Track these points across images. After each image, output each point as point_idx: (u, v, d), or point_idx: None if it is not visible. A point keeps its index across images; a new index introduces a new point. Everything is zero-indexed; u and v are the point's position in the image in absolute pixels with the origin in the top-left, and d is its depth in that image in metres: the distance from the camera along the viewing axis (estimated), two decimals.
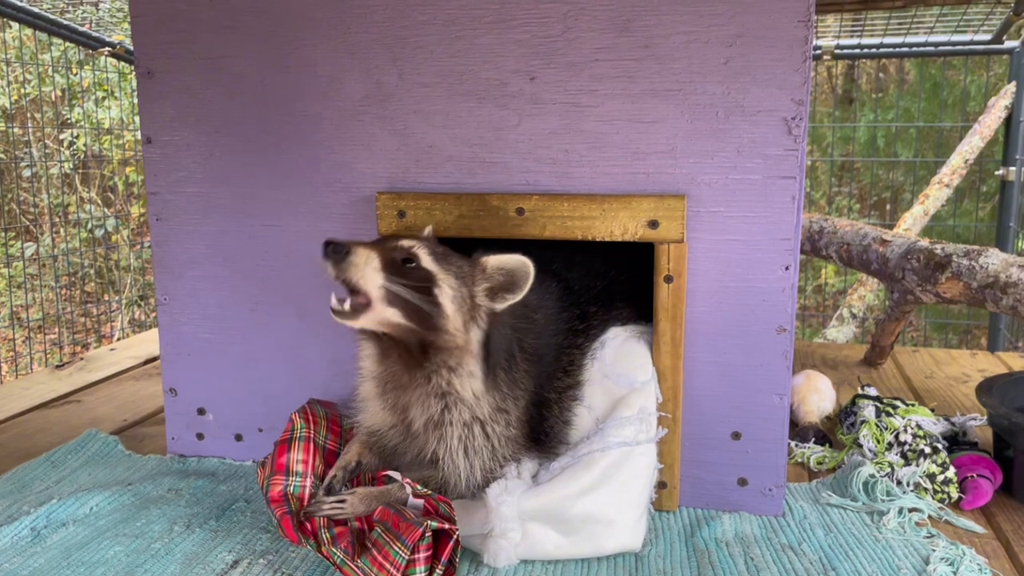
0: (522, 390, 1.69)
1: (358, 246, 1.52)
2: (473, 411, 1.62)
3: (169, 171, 2.01)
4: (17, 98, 4.94)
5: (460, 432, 1.62)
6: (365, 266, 1.50)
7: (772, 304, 1.72)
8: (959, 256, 2.29)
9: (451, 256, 1.63)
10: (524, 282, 1.57)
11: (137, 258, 5.45)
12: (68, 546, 1.65)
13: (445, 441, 1.63)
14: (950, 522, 1.74)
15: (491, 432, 1.64)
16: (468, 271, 1.61)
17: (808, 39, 1.63)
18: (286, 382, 2.02)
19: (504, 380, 1.65)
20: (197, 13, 1.93)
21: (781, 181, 1.68)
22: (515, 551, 1.57)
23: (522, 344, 1.71)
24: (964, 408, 2.43)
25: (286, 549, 1.64)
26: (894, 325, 2.79)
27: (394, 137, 1.86)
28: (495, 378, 1.63)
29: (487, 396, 1.62)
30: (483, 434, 1.64)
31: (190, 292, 2.05)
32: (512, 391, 1.67)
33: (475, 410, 1.62)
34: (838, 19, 3.92)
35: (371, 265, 1.51)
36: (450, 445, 1.63)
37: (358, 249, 1.51)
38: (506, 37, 1.77)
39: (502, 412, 1.65)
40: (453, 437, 1.62)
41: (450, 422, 1.62)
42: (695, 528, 1.72)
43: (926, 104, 5.38)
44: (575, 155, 1.77)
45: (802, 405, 2.29)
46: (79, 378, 2.89)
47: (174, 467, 2.06)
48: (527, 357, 1.71)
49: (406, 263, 1.55)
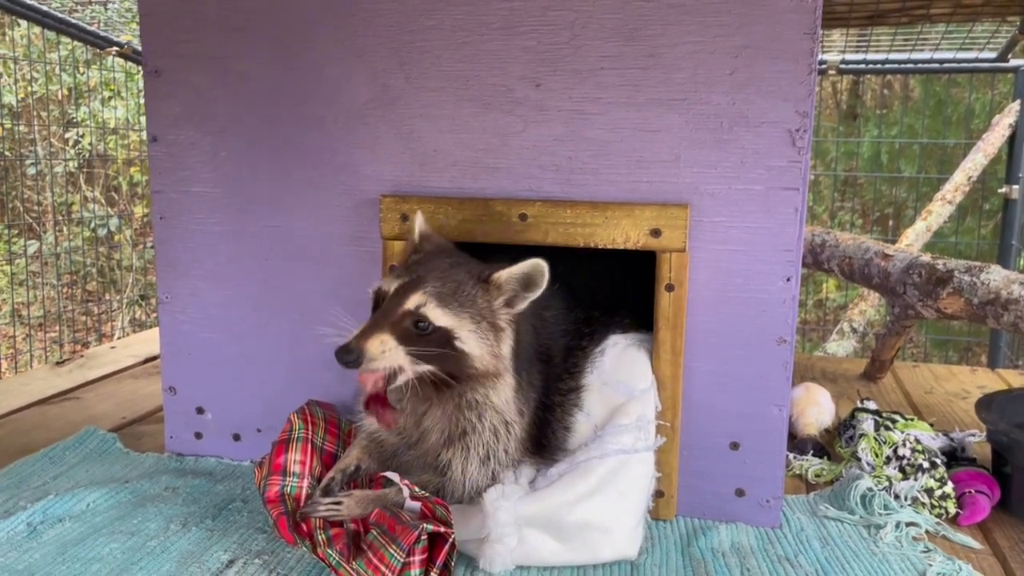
0: (534, 391, 1.69)
1: (366, 338, 1.44)
2: (503, 415, 1.62)
3: (174, 170, 2.02)
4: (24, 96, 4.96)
5: (487, 439, 1.62)
6: (383, 354, 1.45)
7: (773, 315, 1.72)
8: (960, 272, 2.29)
9: (460, 282, 1.54)
10: (541, 279, 1.54)
11: (139, 258, 5.46)
12: (64, 542, 1.65)
13: (468, 449, 1.62)
14: (947, 537, 1.74)
15: (512, 433, 1.64)
16: (483, 295, 1.55)
17: (814, 52, 1.63)
18: (286, 383, 2.02)
19: (524, 381, 1.65)
20: (205, 13, 1.94)
21: (784, 192, 1.68)
22: (511, 556, 1.56)
23: (539, 339, 1.71)
24: (963, 424, 2.43)
25: (282, 549, 1.63)
26: (895, 340, 2.78)
27: (399, 140, 1.87)
28: (520, 378, 1.63)
29: (515, 397, 1.62)
30: (506, 436, 1.63)
31: (192, 291, 2.05)
32: (528, 394, 1.67)
33: (504, 414, 1.62)
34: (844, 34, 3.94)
35: (388, 348, 1.45)
36: (471, 453, 1.62)
37: (368, 342, 1.44)
38: (513, 44, 1.77)
39: (521, 415, 1.66)
40: (479, 445, 1.62)
41: (478, 431, 1.61)
42: (692, 538, 1.72)
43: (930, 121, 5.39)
44: (579, 162, 1.78)
45: (801, 417, 2.28)
46: (79, 375, 2.89)
47: (171, 466, 2.05)
48: (539, 356, 1.71)
49: (419, 326, 1.49)
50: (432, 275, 1.54)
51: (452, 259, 1.62)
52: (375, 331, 1.46)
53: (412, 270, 1.57)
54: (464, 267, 1.59)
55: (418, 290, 1.50)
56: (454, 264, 1.60)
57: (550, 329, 1.77)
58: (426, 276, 1.54)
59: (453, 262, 1.61)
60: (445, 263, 1.59)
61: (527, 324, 1.66)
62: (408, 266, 1.61)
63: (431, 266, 1.57)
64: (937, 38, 3.83)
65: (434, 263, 1.59)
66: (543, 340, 1.73)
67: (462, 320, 1.52)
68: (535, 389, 1.69)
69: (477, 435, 1.61)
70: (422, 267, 1.58)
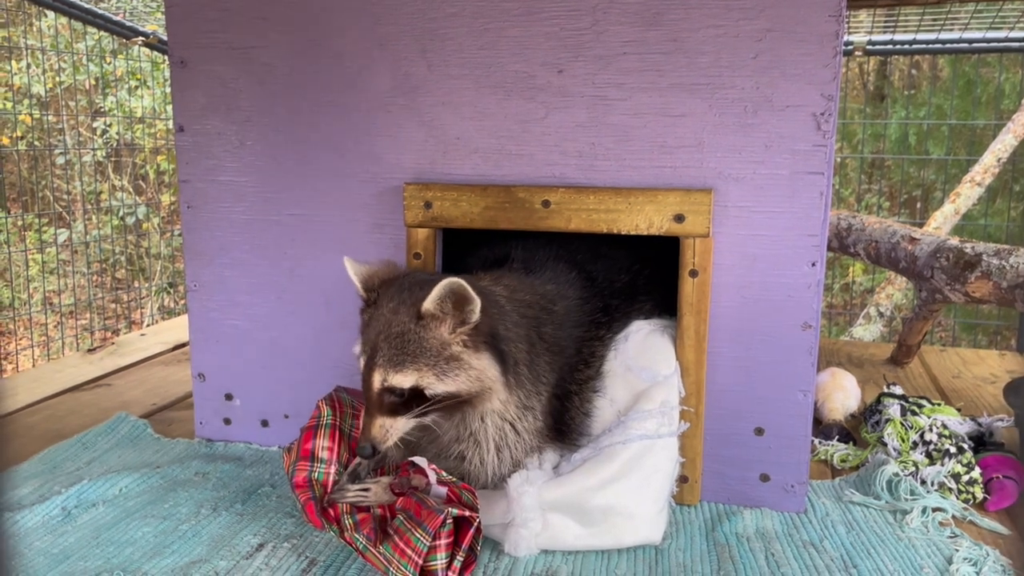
0: (544, 383, 1.70)
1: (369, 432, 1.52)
2: (503, 415, 1.63)
3: (200, 159, 2.04)
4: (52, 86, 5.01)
5: (494, 434, 1.64)
6: (388, 433, 1.52)
7: (798, 300, 1.71)
8: (989, 255, 2.26)
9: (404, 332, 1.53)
10: (465, 292, 1.50)
11: (167, 246, 5.52)
12: (97, 526, 1.69)
13: (479, 443, 1.65)
14: (974, 523, 1.73)
15: (520, 428, 1.66)
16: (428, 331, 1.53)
17: (839, 34, 1.61)
18: (313, 369, 2.04)
19: (527, 376, 1.65)
20: (230, 4, 1.96)
21: (809, 177, 1.67)
22: (535, 541, 1.58)
23: (542, 335, 1.71)
24: (991, 409, 2.40)
25: (310, 534, 1.66)
26: (922, 324, 2.76)
27: (422, 128, 1.87)
28: (517, 376, 1.63)
29: (512, 397, 1.63)
30: (514, 431, 1.65)
31: (219, 279, 2.08)
32: (535, 386, 1.67)
33: (504, 414, 1.64)
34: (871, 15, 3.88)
35: (387, 426, 1.52)
36: (482, 447, 1.65)
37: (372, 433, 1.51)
38: (534, 30, 1.77)
39: (529, 409, 1.66)
40: (488, 440, 1.65)
41: (485, 429, 1.64)
42: (716, 523, 1.72)
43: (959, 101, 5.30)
44: (602, 148, 1.77)
45: (827, 402, 2.27)
46: (110, 362, 2.94)
47: (202, 451, 2.09)
48: (548, 348, 1.71)
49: (396, 394, 1.52)
50: (380, 340, 1.54)
51: (394, 300, 1.56)
52: (370, 420, 1.53)
53: (367, 339, 1.57)
54: (406, 304, 1.55)
55: (375, 368, 1.52)
56: (396, 309, 1.55)
57: (559, 321, 1.77)
58: (377, 344, 1.54)
59: (394, 306, 1.55)
60: (388, 315, 1.55)
61: (511, 322, 1.64)
62: (365, 331, 1.59)
63: (378, 327, 1.55)
64: (966, 17, 3.76)
65: (379, 320, 1.56)
66: (552, 332, 1.73)
67: (421, 372, 1.52)
68: (544, 381, 1.69)
69: (484, 432, 1.64)
70: (372, 330, 1.56)
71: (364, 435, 1.53)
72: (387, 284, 1.62)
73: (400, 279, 1.62)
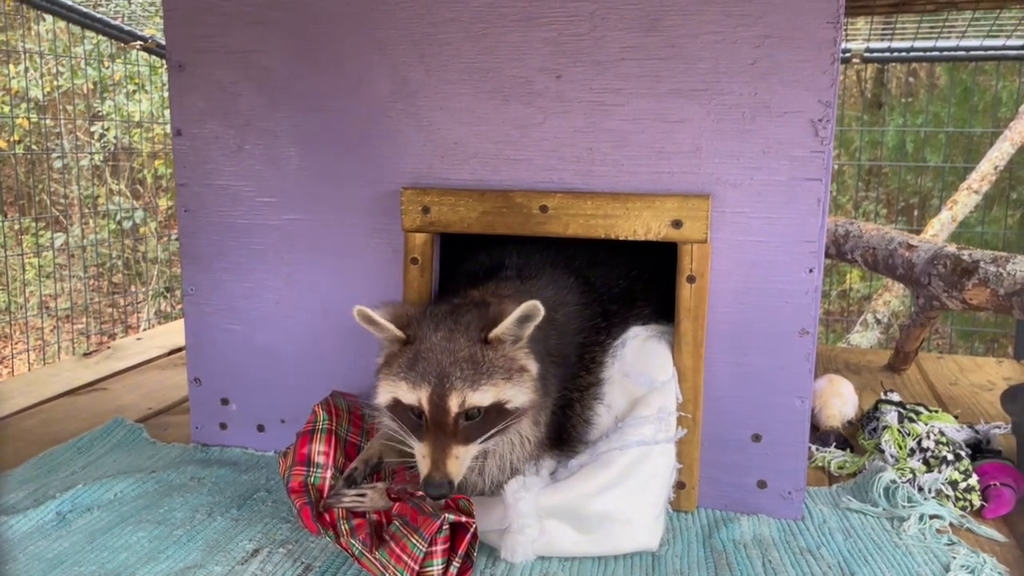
0: (550, 394, 1.69)
1: (442, 466, 1.45)
2: (518, 427, 1.61)
3: (198, 163, 2.04)
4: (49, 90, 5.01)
5: (503, 450, 1.62)
6: (462, 463, 1.48)
7: (795, 306, 1.71)
8: (986, 262, 2.26)
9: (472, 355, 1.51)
10: (536, 315, 1.51)
11: (164, 250, 5.52)
12: (92, 531, 1.68)
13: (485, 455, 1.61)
14: (971, 530, 1.73)
15: (526, 439, 1.64)
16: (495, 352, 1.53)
17: (837, 41, 1.62)
18: (309, 374, 2.04)
19: (542, 388, 1.64)
20: (228, 8, 1.96)
21: (807, 183, 1.67)
22: (532, 547, 1.57)
23: (548, 344, 1.70)
24: (988, 416, 2.40)
25: (306, 539, 1.65)
26: (919, 331, 2.76)
27: (420, 133, 1.87)
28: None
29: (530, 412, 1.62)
30: (520, 443, 1.64)
31: (216, 284, 2.08)
32: (544, 399, 1.66)
33: (520, 429, 1.61)
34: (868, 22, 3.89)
35: (461, 456, 1.48)
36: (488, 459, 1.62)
37: (448, 467, 1.45)
38: (533, 35, 1.77)
39: (537, 424, 1.65)
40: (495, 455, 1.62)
41: None
42: (713, 529, 1.72)
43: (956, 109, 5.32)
44: (599, 154, 1.77)
45: (824, 409, 2.27)
46: (106, 366, 2.93)
47: (197, 456, 2.08)
48: (553, 359, 1.71)
49: (470, 416, 1.49)
50: (447, 366, 1.50)
51: (442, 331, 1.54)
52: (443, 453, 1.46)
53: (422, 372, 1.51)
54: (461, 333, 1.53)
55: (450, 392, 1.48)
56: (451, 336, 1.53)
57: (561, 330, 1.75)
58: (443, 372, 1.49)
59: (447, 334, 1.53)
60: (444, 344, 1.53)
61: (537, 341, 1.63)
62: (413, 366, 1.52)
63: (438, 357, 1.51)
64: (964, 25, 3.77)
65: (436, 351, 1.52)
66: (555, 341, 1.72)
67: (498, 386, 1.51)
68: (549, 393, 1.67)
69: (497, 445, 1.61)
70: (428, 362, 1.51)
71: (438, 470, 1.44)
72: (421, 318, 1.58)
73: (433, 310, 1.61)
